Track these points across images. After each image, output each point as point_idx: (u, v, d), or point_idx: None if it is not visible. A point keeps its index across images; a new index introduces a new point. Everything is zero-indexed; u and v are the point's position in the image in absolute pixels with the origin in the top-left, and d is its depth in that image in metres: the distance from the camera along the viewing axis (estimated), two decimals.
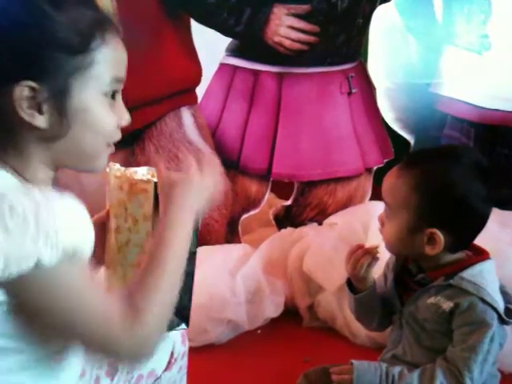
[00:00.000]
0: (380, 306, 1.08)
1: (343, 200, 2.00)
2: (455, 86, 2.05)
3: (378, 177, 1.98)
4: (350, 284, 1.08)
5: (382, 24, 2.00)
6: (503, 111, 2.11)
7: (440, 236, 0.96)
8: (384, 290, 1.09)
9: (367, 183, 2.03)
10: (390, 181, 1.02)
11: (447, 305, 0.97)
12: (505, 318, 0.96)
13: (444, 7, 2.04)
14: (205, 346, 1.56)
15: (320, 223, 1.94)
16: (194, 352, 1.56)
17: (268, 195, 2.02)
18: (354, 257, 1.05)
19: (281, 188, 2.07)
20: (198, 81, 1.91)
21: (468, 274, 0.97)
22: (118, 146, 0.83)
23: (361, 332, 1.54)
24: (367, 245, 1.06)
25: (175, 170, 0.87)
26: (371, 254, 1.04)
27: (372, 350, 1.52)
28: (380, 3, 1.96)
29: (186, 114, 1.91)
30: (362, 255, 1.04)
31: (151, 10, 1.85)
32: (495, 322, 0.95)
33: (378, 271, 1.10)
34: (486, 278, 0.98)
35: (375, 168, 2.03)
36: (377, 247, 1.04)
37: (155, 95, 1.85)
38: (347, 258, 1.06)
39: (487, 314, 0.95)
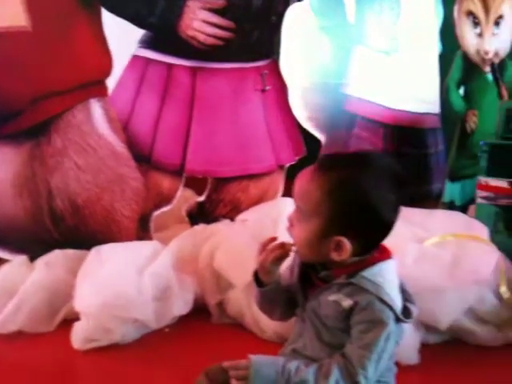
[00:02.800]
0: (283, 299, 1.09)
1: (256, 196, 2.01)
2: (365, 86, 2.11)
3: (290, 174, 2.01)
4: (257, 276, 1.09)
5: (295, 22, 2.02)
6: (411, 112, 2.20)
7: (347, 244, 0.97)
8: (289, 283, 1.10)
9: (279, 180, 2.05)
10: (302, 183, 1.01)
11: (347, 302, 0.98)
12: (401, 317, 0.97)
13: (356, 8, 2.09)
14: (111, 346, 1.53)
15: (233, 219, 1.94)
16: (100, 351, 1.55)
17: (182, 191, 2.00)
18: (268, 248, 1.05)
19: (199, 184, 2.06)
20: (108, 72, 1.85)
21: (369, 272, 0.98)
22: (23, 137, 0.78)
23: (268, 328, 1.55)
24: (282, 239, 1.06)
25: (83, 164, 0.82)
26: (285, 249, 1.04)
27: (280, 345, 1.53)
28: (293, 2, 1.99)
29: (96, 106, 1.85)
30: (276, 248, 1.04)
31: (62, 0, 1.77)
32: (391, 321, 0.96)
33: (285, 263, 1.11)
34: (386, 277, 0.99)
35: (288, 165, 2.05)
36: (293, 245, 1.04)
37: (63, 85, 1.78)
38: (260, 249, 1.06)
39: (384, 313, 0.96)
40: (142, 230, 1.92)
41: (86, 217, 1.85)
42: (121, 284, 1.53)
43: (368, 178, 0.98)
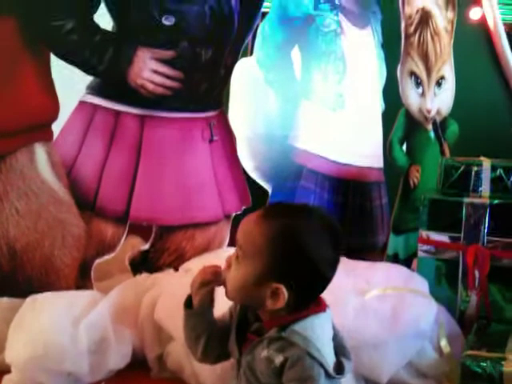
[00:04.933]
0: (210, 334, 1.07)
1: (202, 246, 1.99)
2: (311, 139, 2.16)
3: (236, 223, 2.01)
4: (190, 301, 1.08)
5: (243, 75, 2.07)
6: (356, 166, 2.26)
7: (284, 293, 0.96)
8: (225, 324, 1.08)
9: (226, 230, 2.04)
10: (247, 225, 1.01)
11: (278, 359, 0.96)
12: (332, 373, 0.96)
13: (302, 64, 2.16)
14: None
15: (177, 269, 1.91)
16: None
17: (128, 238, 1.97)
18: (204, 270, 1.04)
19: (147, 231, 2.03)
20: (54, 117, 1.83)
21: (300, 326, 0.98)
22: None
23: (208, 382, 1.51)
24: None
25: (24, 209, 0.80)
26: (215, 277, 1.04)
27: None
28: (242, 56, 2.04)
29: (40, 151, 1.81)
30: (208, 272, 1.04)
31: (8, 40, 1.76)
32: (322, 378, 0.95)
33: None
34: (317, 331, 0.98)
35: (234, 215, 2.06)
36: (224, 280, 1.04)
37: (6, 128, 1.75)
38: (199, 271, 1.06)
39: (313, 369, 0.94)
40: (83, 279, 1.87)
41: (23, 263, 1.78)
42: (55, 335, 1.47)
43: (311, 231, 0.99)
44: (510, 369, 1.54)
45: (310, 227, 1.00)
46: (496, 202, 1.95)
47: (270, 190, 2.16)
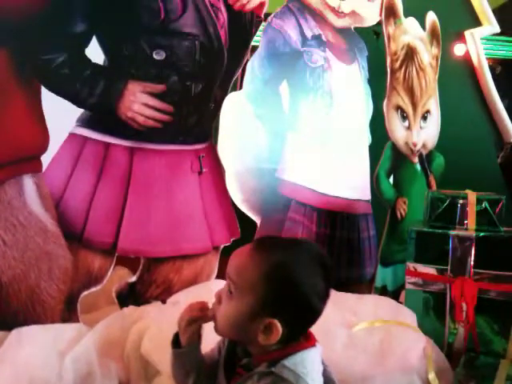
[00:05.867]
0: (199, 371, 1.06)
1: (189, 278, 1.98)
2: (299, 172, 2.18)
3: (225, 255, 2.01)
4: (177, 338, 1.06)
5: (233, 109, 2.09)
6: (343, 198, 2.27)
7: (278, 327, 0.97)
8: (214, 359, 1.07)
9: (214, 261, 2.04)
10: (239, 259, 1.01)
11: None
12: None
13: (290, 99, 2.20)
14: None
15: (165, 302, 1.90)
16: None
17: (115, 270, 1.95)
18: (191, 307, 1.03)
19: (135, 263, 2.01)
20: (44, 148, 1.83)
21: (290, 361, 0.98)
22: None
23: None
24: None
25: (10, 240, 0.80)
26: (203, 313, 1.03)
27: None
28: (231, 91, 2.07)
29: (28, 182, 1.81)
30: (195, 309, 1.03)
31: None
32: None
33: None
34: (308, 366, 0.99)
35: (222, 247, 2.06)
36: (213, 315, 1.03)
37: None
38: (185, 308, 1.05)
39: None
40: (69, 311, 1.84)
41: (9, 295, 1.76)
42: (40, 369, 1.44)
43: (303, 265, 1.00)
44: None
45: (302, 261, 1.01)
46: (482, 234, 1.97)
47: (258, 222, 2.17)
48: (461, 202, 2.06)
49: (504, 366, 1.76)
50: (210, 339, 1.09)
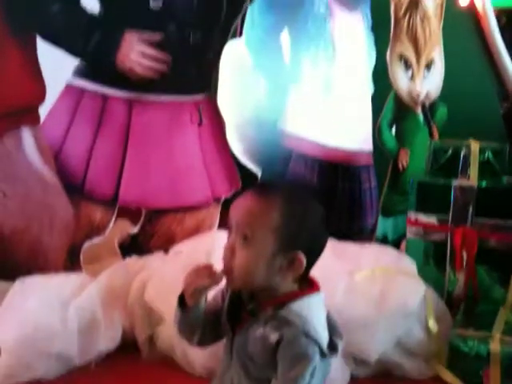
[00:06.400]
0: (205, 324, 1.07)
1: (191, 229, 1.99)
2: (301, 123, 2.16)
3: (226, 206, 2.01)
4: (183, 298, 1.07)
5: (232, 60, 2.06)
6: (345, 149, 2.26)
7: (302, 257, 0.97)
8: (218, 307, 1.08)
9: (215, 213, 2.04)
10: (250, 205, 1.00)
11: (274, 336, 0.96)
12: (326, 352, 0.97)
13: (291, 49, 2.15)
14: (32, 383, 1.45)
15: (167, 252, 1.91)
16: None
17: (116, 222, 1.96)
18: (197, 273, 1.04)
19: (136, 214, 2.02)
20: (40, 100, 1.82)
21: (297, 305, 0.98)
22: None
23: (197, 362, 1.52)
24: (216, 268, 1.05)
25: (11, 193, 0.79)
26: (213, 279, 1.03)
27: (209, 380, 1.50)
28: (231, 38, 2.02)
29: (27, 135, 1.80)
30: (205, 276, 1.03)
31: None
32: (317, 357, 0.95)
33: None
34: (313, 311, 0.99)
35: (223, 198, 2.05)
36: (222, 276, 1.03)
37: None
38: (191, 272, 1.04)
39: (309, 347, 0.95)
40: (72, 262, 1.86)
41: (11, 247, 1.78)
42: (44, 317, 1.46)
43: (309, 195, 1.04)
44: (497, 347, 1.57)
45: (307, 192, 1.05)
46: (484, 184, 1.96)
47: (259, 174, 2.16)
48: (463, 151, 2.04)
49: (503, 313, 1.78)
50: None
